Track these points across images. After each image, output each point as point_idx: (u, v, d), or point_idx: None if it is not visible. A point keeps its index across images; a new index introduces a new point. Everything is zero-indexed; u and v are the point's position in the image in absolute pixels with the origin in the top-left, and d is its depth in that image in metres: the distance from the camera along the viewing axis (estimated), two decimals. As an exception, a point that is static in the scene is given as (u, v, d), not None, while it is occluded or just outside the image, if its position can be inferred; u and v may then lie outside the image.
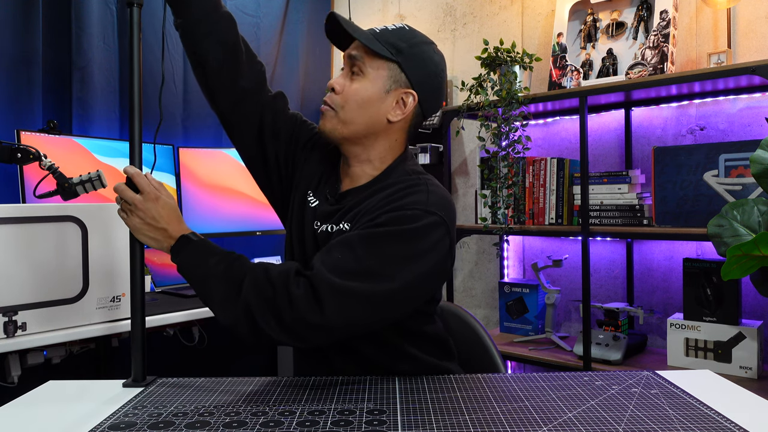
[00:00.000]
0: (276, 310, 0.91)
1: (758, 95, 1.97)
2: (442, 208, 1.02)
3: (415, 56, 1.09)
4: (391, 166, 1.12)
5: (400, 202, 1.02)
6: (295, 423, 0.83)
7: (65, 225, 1.35)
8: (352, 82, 1.08)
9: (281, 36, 2.85)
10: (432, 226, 1.00)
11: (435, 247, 1.00)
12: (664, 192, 1.93)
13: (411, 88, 1.09)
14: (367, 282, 0.93)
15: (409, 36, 1.10)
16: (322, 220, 1.11)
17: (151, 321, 1.56)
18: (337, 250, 0.97)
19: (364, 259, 0.95)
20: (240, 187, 2.29)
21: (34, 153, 1.45)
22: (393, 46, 1.07)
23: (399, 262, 0.96)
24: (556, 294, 2.25)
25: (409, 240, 0.97)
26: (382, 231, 0.97)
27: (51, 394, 1.01)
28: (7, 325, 1.27)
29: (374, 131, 1.10)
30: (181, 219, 1.06)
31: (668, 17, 2.02)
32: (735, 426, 0.80)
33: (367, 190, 1.10)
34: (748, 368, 1.79)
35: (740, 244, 1.36)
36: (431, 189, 1.05)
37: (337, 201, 1.12)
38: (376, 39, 1.07)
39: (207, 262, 0.98)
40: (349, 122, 1.08)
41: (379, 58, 1.07)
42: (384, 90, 1.08)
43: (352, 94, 1.08)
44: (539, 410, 0.87)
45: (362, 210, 1.06)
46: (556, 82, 2.26)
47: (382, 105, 1.08)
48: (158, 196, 1.03)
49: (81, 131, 2.08)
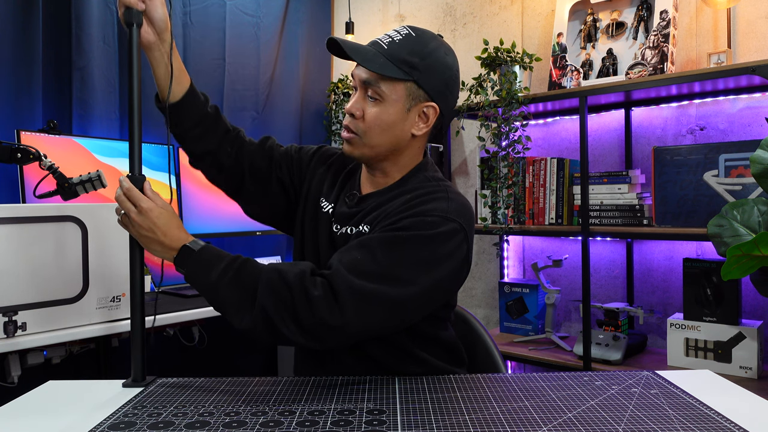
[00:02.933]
0: (295, 313, 0.91)
1: (758, 95, 1.97)
2: (461, 215, 1.03)
3: (430, 68, 1.06)
4: (411, 172, 1.13)
5: (420, 207, 1.03)
6: (294, 423, 0.83)
7: (65, 225, 1.35)
8: (371, 106, 1.06)
9: (281, 36, 2.85)
10: (451, 233, 1.00)
11: (453, 253, 1.00)
12: (664, 192, 1.93)
13: (431, 101, 1.08)
14: (386, 285, 0.93)
15: (420, 46, 1.06)
16: (342, 223, 1.12)
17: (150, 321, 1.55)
18: (356, 251, 0.97)
19: (384, 262, 0.95)
20: (240, 187, 2.29)
21: (34, 153, 1.45)
22: (406, 64, 1.04)
23: (418, 267, 0.96)
24: (556, 294, 2.24)
25: (428, 245, 0.98)
26: (402, 235, 0.98)
27: (51, 394, 1.01)
28: (7, 325, 1.27)
29: (399, 147, 1.10)
30: (180, 227, 1.03)
31: (668, 17, 2.02)
32: (735, 426, 0.80)
33: (388, 194, 1.10)
34: (748, 368, 1.79)
35: (740, 244, 1.36)
36: (451, 196, 1.06)
37: (357, 204, 1.12)
38: (387, 60, 1.04)
39: (214, 270, 0.97)
40: (376, 146, 1.08)
41: (394, 80, 1.05)
42: (405, 109, 1.07)
43: (374, 120, 1.06)
44: (539, 410, 0.87)
45: (382, 213, 1.06)
46: (556, 82, 2.26)
47: (405, 123, 1.08)
48: (151, 207, 1.01)
49: (81, 131, 2.08)
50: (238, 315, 0.94)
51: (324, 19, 3.13)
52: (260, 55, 2.74)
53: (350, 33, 2.84)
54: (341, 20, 3.07)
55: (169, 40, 1.10)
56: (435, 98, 1.08)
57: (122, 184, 1.02)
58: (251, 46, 2.71)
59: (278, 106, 2.84)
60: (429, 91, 1.07)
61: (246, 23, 2.69)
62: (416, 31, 1.08)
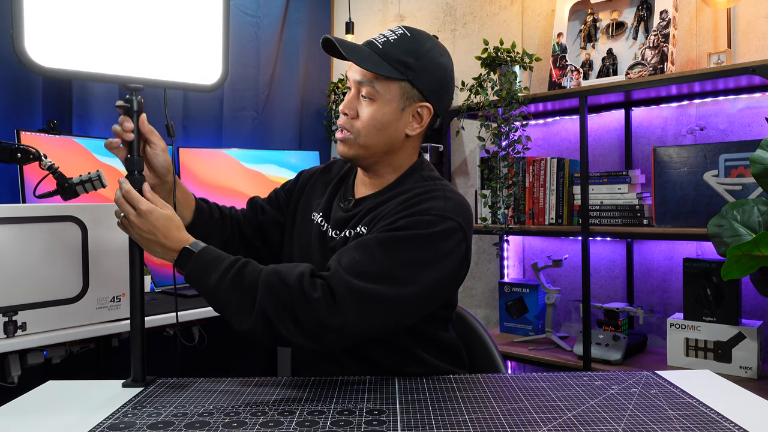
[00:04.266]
0: (294, 315, 0.91)
1: (758, 95, 1.97)
2: (459, 214, 1.03)
3: (425, 68, 1.06)
4: (407, 172, 1.13)
5: (418, 207, 1.02)
6: (294, 423, 0.83)
7: (65, 225, 1.35)
8: (366, 105, 1.07)
9: (281, 36, 2.85)
10: (449, 231, 1.00)
11: (452, 252, 1.00)
12: (664, 192, 1.93)
13: (425, 101, 1.08)
14: (385, 285, 0.93)
15: (415, 46, 1.06)
16: (339, 228, 1.12)
17: (151, 321, 1.55)
18: (354, 252, 0.97)
19: (382, 262, 0.95)
20: (240, 187, 2.29)
21: (34, 153, 1.45)
22: (401, 63, 1.05)
23: (416, 267, 0.96)
24: (556, 294, 2.24)
25: (426, 245, 0.98)
26: (400, 235, 0.98)
27: (51, 394, 1.01)
28: (7, 325, 1.27)
29: (393, 147, 1.10)
30: (180, 228, 1.03)
31: (668, 17, 2.02)
32: (735, 426, 0.80)
33: (384, 194, 1.11)
34: (748, 368, 1.79)
35: (740, 244, 1.36)
36: (449, 195, 1.06)
37: (353, 207, 1.12)
38: (382, 59, 1.04)
39: (215, 271, 0.96)
40: (370, 146, 1.08)
41: (389, 79, 1.05)
42: (399, 109, 1.07)
43: (368, 120, 1.06)
44: (539, 410, 0.87)
45: (379, 214, 1.06)
46: (556, 82, 2.26)
47: (399, 123, 1.08)
48: (151, 209, 1.00)
49: (81, 131, 2.08)
50: (238, 316, 0.94)
51: (324, 19, 3.13)
52: (260, 55, 2.74)
53: (350, 33, 2.84)
54: (341, 20, 3.07)
55: (171, 181, 1.11)
56: (429, 98, 1.08)
57: (121, 185, 1.02)
58: (251, 46, 2.71)
59: (278, 106, 2.84)
60: (423, 90, 1.07)
61: (246, 23, 2.69)
62: (411, 31, 1.08)
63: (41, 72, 0.99)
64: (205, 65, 1.17)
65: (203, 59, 1.16)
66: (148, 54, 1.09)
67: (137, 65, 1.07)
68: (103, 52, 1.04)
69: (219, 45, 1.17)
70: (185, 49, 1.13)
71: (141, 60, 1.08)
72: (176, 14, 1.12)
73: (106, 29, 1.04)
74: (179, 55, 1.13)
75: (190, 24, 1.14)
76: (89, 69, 1.03)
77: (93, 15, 1.02)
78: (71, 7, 1.00)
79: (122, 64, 1.06)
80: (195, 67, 1.15)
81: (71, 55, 1.01)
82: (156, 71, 1.10)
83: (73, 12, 1.01)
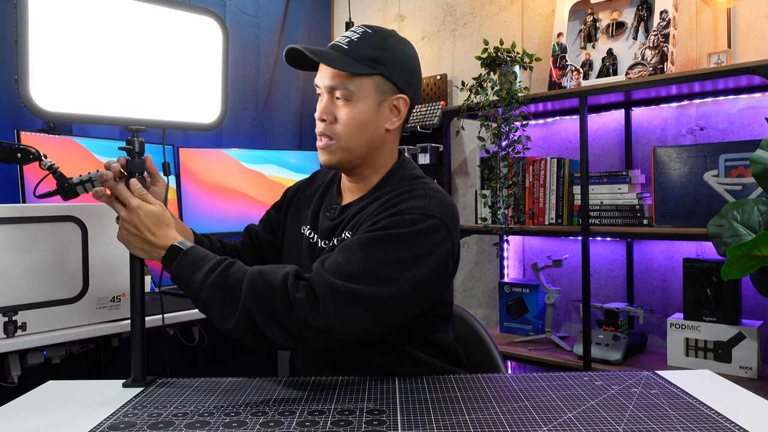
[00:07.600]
0: (277, 315, 0.91)
1: (758, 95, 1.97)
2: (442, 211, 1.03)
3: (395, 60, 1.08)
4: (389, 173, 1.13)
5: (399, 206, 1.03)
6: (294, 423, 0.83)
7: (65, 225, 1.35)
8: (342, 107, 1.07)
9: (281, 36, 2.85)
10: (432, 229, 1.00)
11: (435, 250, 1.00)
12: (664, 192, 1.93)
13: (400, 92, 1.09)
14: (366, 284, 0.93)
15: (381, 41, 1.07)
16: (328, 237, 1.12)
17: (151, 321, 1.55)
18: (337, 254, 0.98)
19: (363, 262, 0.95)
20: (240, 187, 2.29)
21: (34, 153, 1.45)
22: (371, 59, 1.05)
23: (399, 266, 0.96)
24: (556, 294, 2.24)
25: (408, 243, 0.98)
26: (381, 234, 0.98)
27: (51, 394, 1.01)
28: (7, 325, 1.27)
29: (375, 145, 1.11)
30: (169, 225, 1.03)
31: (668, 17, 2.02)
32: (735, 426, 0.80)
33: (367, 198, 1.11)
34: (748, 368, 1.79)
35: (740, 244, 1.36)
36: (430, 193, 1.06)
37: (339, 215, 1.13)
38: (352, 58, 1.05)
39: (200, 270, 0.96)
40: (354, 147, 1.08)
41: (362, 76, 1.05)
42: (376, 105, 1.07)
43: (348, 121, 1.06)
44: (539, 410, 0.87)
45: (362, 217, 1.06)
46: (556, 82, 2.26)
47: (378, 119, 1.09)
48: (139, 205, 1.01)
49: (81, 131, 2.08)
50: (221, 316, 0.94)
51: (324, 19, 3.13)
52: (260, 55, 2.74)
53: (350, 33, 2.84)
54: (341, 20, 3.07)
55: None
56: (403, 89, 1.09)
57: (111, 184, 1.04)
58: (251, 46, 2.71)
59: (278, 106, 2.84)
60: (397, 82, 1.08)
61: (246, 23, 2.69)
62: (372, 29, 1.09)
63: (45, 116, 1.00)
64: (204, 105, 1.19)
65: (203, 100, 1.18)
66: (149, 96, 1.10)
67: (139, 107, 1.09)
68: (106, 95, 1.05)
69: (219, 86, 1.20)
70: (186, 91, 1.15)
71: (142, 102, 1.09)
72: (177, 57, 1.13)
73: (109, 74, 1.05)
74: (180, 97, 1.15)
75: (190, 66, 1.15)
76: (92, 112, 1.05)
77: (96, 60, 1.04)
78: (75, 53, 1.02)
79: (124, 107, 1.07)
80: (195, 108, 1.17)
81: (74, 99, 1.03)
82: (157, 112, 1.11)
83: (77, 58, 1.02)
